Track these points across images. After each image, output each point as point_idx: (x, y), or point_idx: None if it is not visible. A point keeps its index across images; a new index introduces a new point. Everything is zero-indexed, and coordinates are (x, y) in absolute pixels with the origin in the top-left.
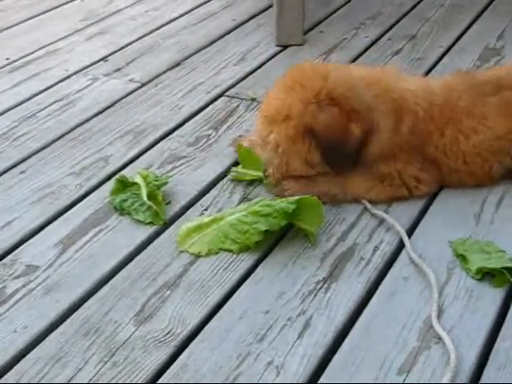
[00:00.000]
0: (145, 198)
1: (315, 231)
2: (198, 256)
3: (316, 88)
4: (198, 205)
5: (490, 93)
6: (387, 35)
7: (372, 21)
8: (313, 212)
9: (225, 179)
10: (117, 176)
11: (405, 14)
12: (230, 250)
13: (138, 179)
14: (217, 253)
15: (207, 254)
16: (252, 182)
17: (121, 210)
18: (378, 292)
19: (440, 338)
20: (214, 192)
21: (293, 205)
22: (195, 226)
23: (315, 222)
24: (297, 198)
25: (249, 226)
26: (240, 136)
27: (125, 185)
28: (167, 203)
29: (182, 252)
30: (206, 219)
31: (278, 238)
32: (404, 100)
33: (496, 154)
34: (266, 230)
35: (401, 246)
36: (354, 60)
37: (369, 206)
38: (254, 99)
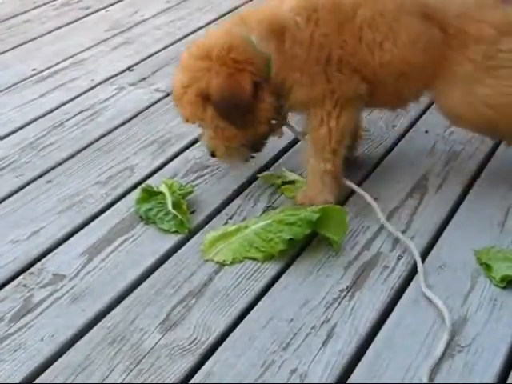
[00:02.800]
0: (170, 207)
1: (339, 240)
2: (222, 264)
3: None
4: (222, 213)
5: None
6: None
7: None
8: (337, 220)
9: (249, 188)
10: (142, 185)
11: None
12: (254, 259)
13: (163, 188)
14: (241, 261)
15: (232, 263)
16: (276, 191)
17: (146, 219)
18: (401, 300)
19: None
20: (238, 201)
21: (317, 213)
22: (220, 234)
23: (339, 231)
24: (321, 206)
25: (273, 235)
26: None
27: (150, 194)
28: (192, 212)
29: (206, 261)
30: (230, 228)
31: (302, 247)
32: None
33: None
34: (291, 239)
35: (425, 254)
36: None
37: (386, 223)
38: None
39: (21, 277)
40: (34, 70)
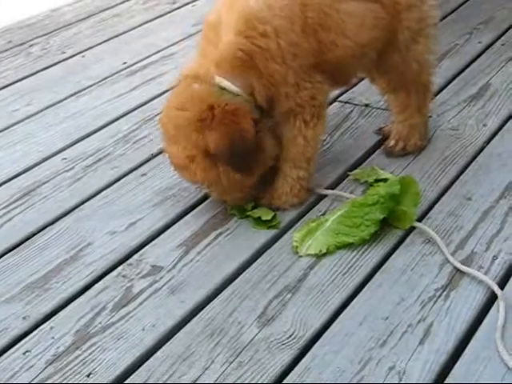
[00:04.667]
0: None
1: (414, 211)
2: (318, 257)
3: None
4: (315, 209)
5: None
6: (501, 40)
7: (485, 25)
8: (412, 192)
9: (341, 184)
10: None
11: None
12: (347, 244)
13: None
14: (337, 249)
15: (327, 253)
16: (368, 189)
17: (239, 215)
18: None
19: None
20: (330, 197)
21: (397, 186)
22: (306, 231)
23: (413, 202)
24: (397, 177)
25: (361, 219)
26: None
27: None
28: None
29: (300, 256)
30: (312, 224)
31: (394, 245)
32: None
33: None
34: (384, 218)
35: None
36: (466, 66)
37: (453, 260)
38: (367, 105)
39: (120, 267)
40: (124, 63)
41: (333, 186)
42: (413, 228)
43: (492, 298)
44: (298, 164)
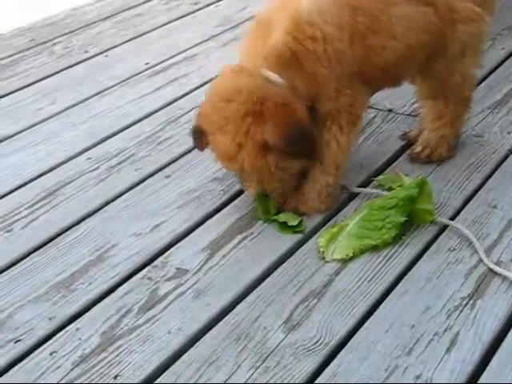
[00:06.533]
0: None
1: (433, 207)
2: (344, 262)
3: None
4: (340, 215)
5: None
6: None
7: (508, 31)
8: (425, 192)
9: (367, 188)
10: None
11: None
12: (371, 247)
13: None
14: (362, 253)
15: (353, 257)
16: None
17: (265, 220)
18: None
19: None
20: (355, 203)
21: (415, 189)
22: (329, 236)
23: (428, 201)
24: (415, 181)
25: (382, 222)
26: None
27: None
28: None
29: (326, 262)
30: (333, 229)
31: (419, 253)
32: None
33: None
34: (405, 221)
35: None
36: (490, 72)
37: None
38: (390, 110)
39: (145, 269)
40: (147, 63)
41: (357, 193)
42: (438, 235)
43: None
44: (328, 170)
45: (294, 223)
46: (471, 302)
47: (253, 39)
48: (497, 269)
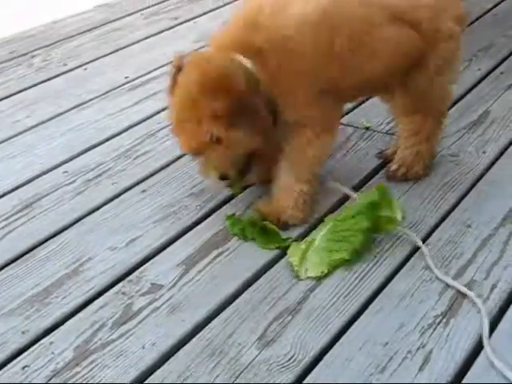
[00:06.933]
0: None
1: (396, 215)
2: (320, 278)
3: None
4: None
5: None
6: (500, 68)
7: (484, 53)
8: (385, 199)
9: (341, 207)
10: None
11: None
12: (343, 260)
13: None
14: (334, 269)
15: (328, 272)
16: None
17: (244, 238)
18: (497, 330)
19: None
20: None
21: (375, 193)
22: (301, 254)
23: (391, 208)
24: (376, 188)
25: (349, 231)
26: None
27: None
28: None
29: (300, 279)
30: (301, 246)
31: (395, 270)
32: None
33: None
34: (368, 228)
35: None
36: (466, 93)
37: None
38: (367, 128)
39: (120, 284)
40: (126, 77)
41: (334, 208)
42: (413, 253)
43: (491, 326)
44: (304, 177)
45: (280, 235)
46: (444, 320)
47: (232, 29)
48: (448, 280)
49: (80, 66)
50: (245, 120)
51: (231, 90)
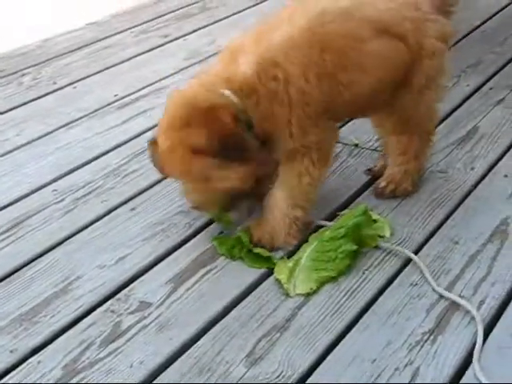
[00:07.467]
0: (250, 246)
1: (374, 233)
2: (308, 295)
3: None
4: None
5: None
6: (489, 84)
7: (473, 69)
8: (367, 219)
9: (330, 224)
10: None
11: (507, 63)
12: (330, 277)
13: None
14: (322, 285)
15: (317, 289)
16: None
17: (231, 257)
18: (486, 346)
19: None
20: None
21: (362, 216)
22: (288, 272)
23: (371, 225)
24: (360, 208)
25: (335, 252)
26: None
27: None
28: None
29: (289, 296)
30: (288, 264)
31: (383, 287)
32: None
33: None
34: (355, 251)
35: (507, 300)
36: (455, 109)
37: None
38: (356, 145)
39: (109, 302)
40: (115, 95)
41: (317, 227)
42: (401, 269)
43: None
44: (299, 203)
45: (268, 254)
46: (432, 337)
47: (220, 63)
48: (445, 293)
49: (70, 85)
50: (231, 158)
51: (219, 127)
